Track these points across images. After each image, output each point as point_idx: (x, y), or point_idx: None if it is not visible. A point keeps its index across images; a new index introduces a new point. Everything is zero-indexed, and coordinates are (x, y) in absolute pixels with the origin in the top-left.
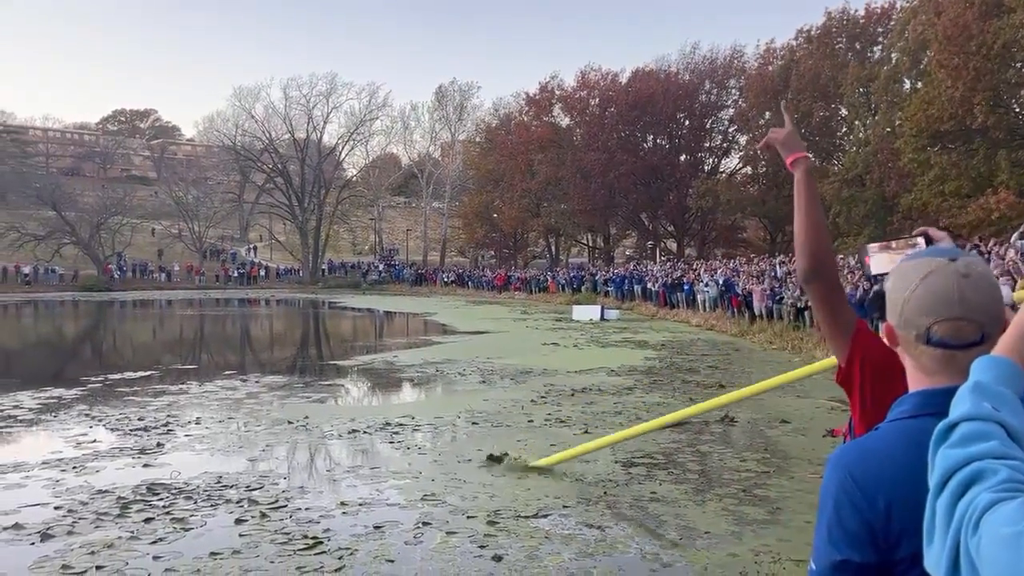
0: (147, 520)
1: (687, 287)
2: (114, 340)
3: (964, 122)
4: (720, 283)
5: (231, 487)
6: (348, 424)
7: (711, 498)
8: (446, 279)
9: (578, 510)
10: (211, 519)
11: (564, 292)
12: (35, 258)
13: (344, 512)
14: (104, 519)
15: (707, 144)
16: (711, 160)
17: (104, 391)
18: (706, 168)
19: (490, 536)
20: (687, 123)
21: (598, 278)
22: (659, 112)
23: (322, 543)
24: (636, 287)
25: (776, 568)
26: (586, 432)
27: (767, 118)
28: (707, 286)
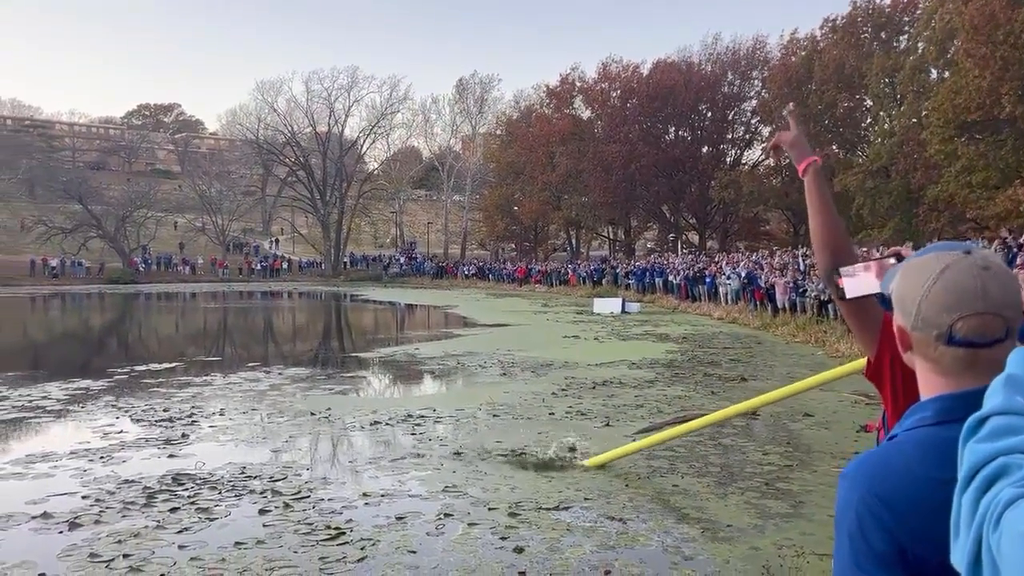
0: (173, 510)
1: (709, 280)
2: (140, 332)
3: (992, 112)
4: (742, 276)
5: (255, 478)
6: (370, 416)
7: (733, 491)
8: (467, 272)
9: (599, 503)
10: (235, 509)
11: (585, 285)
12: (62, 251)
13: (366, 503)
14: (131, 508)
15: (729, 136)
16: (733, 152)
17: (130, 382)
18: (728, 160)
19: (511, 528)
20: (709, 115)
21: (619, 271)
22: (681, 104)
23: (344, 533)
24: (657, 280)
25: (799, 562)
26: (607, 425)
27: (791, 107)
28: (729, 279)
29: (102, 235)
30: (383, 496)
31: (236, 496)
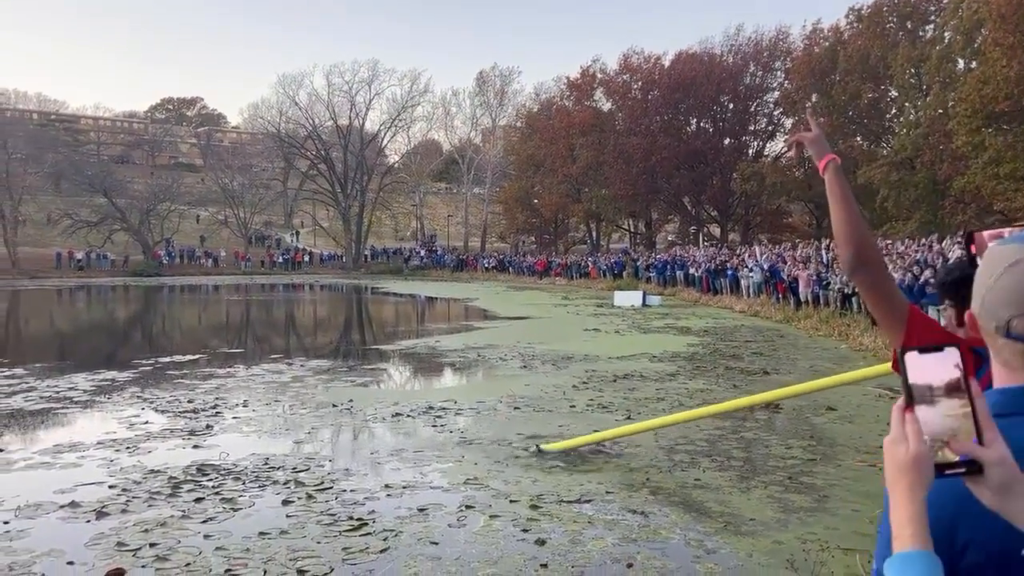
0: (197, 500)
1: (731, 273)
2: (163, 324)
3: (1020, 102)
4: (765, 269)
5: (278, 469)
6: (391, 408)
7: (756, 485)
8: (487, 265)
9: (621, 496)
10: (259, 500)
11: (605, 278)
12: (88, 244)
13: (388, 494)
14: (156, 498)
15: (752, 127)
16: (756, 143)
17: (155, 374)
18: (751, 152)
19: (533, 520)
20: (731, 106)
21: (640, 264)
22: (702, 95)
23: (367, 524)
24: (678, 273)
25: (824, 556)
26: (628, 418)
27: (814, 101)
28: (751, 271)
29: (126, 228)
30: (405, 488)
31: (260, 487)
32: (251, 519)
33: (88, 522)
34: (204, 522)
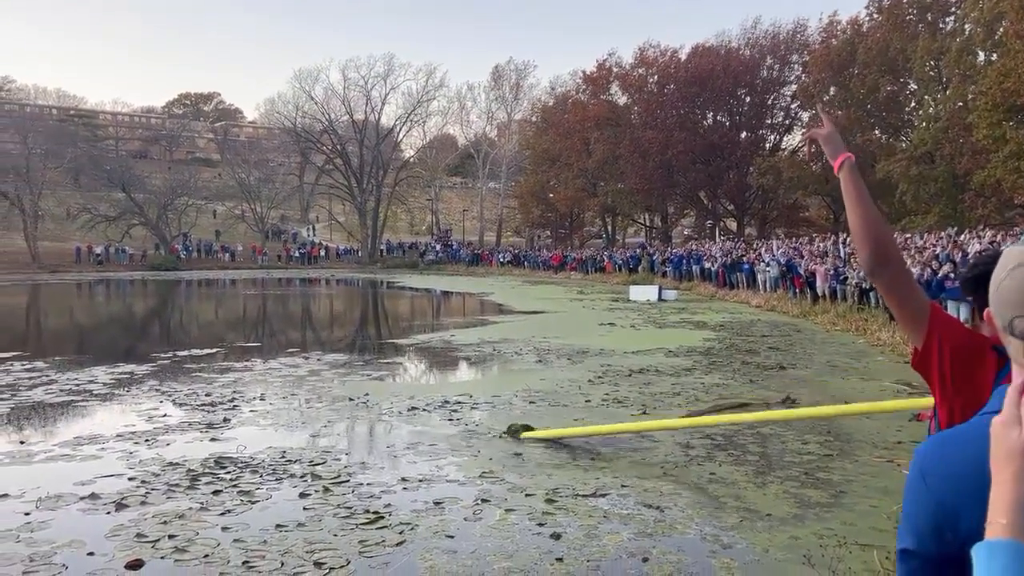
0: (215, 492)
1: (747, 267)
2: (181, 318)
3: None
4: (781, 263)
5: (295, 462)
6: (407, 402)
7: (772, 480)
8: (502, 259)
9: (637, 490)
10: (276, 492)
11: (621, 272)
12: (106, 238)
13: (404, 488)
14: (175, 490)
15: (768, 121)
16: (773, 137)
17: (173, 367)
18: (767, 146)
19: (548, 514)
20: (748, 100)
21: (655, 258)
22: (719, 89)
23: (383, 518)
24: (694, 267)
25: (842, 552)
26: (644, 413)
27: (831, 94)
28: (768, 266)
29: (145, 222)
30: (421, 481)
31: (277, 480)
32: (268, 512)
33: (108, 514)
34: (222, 514)
